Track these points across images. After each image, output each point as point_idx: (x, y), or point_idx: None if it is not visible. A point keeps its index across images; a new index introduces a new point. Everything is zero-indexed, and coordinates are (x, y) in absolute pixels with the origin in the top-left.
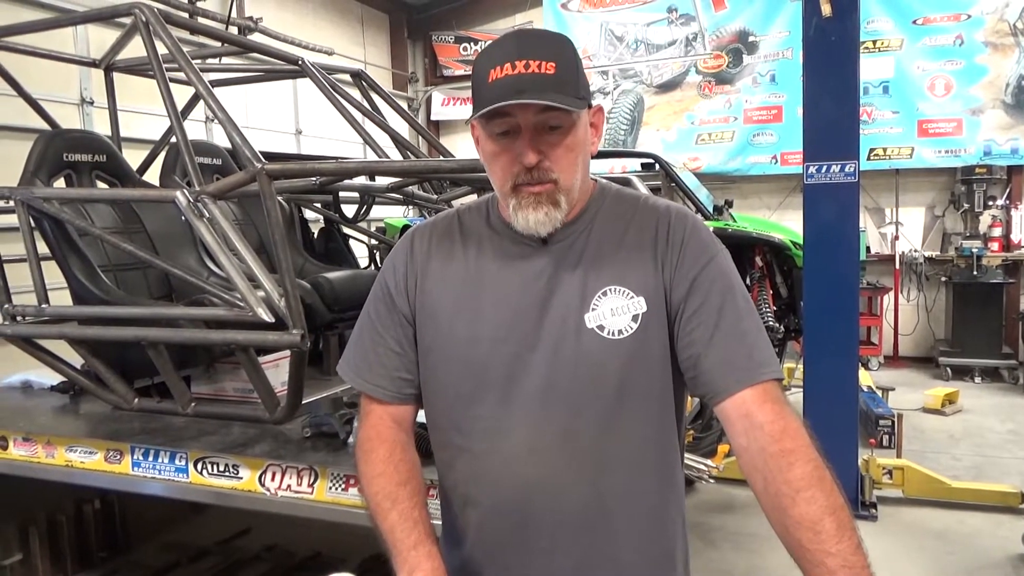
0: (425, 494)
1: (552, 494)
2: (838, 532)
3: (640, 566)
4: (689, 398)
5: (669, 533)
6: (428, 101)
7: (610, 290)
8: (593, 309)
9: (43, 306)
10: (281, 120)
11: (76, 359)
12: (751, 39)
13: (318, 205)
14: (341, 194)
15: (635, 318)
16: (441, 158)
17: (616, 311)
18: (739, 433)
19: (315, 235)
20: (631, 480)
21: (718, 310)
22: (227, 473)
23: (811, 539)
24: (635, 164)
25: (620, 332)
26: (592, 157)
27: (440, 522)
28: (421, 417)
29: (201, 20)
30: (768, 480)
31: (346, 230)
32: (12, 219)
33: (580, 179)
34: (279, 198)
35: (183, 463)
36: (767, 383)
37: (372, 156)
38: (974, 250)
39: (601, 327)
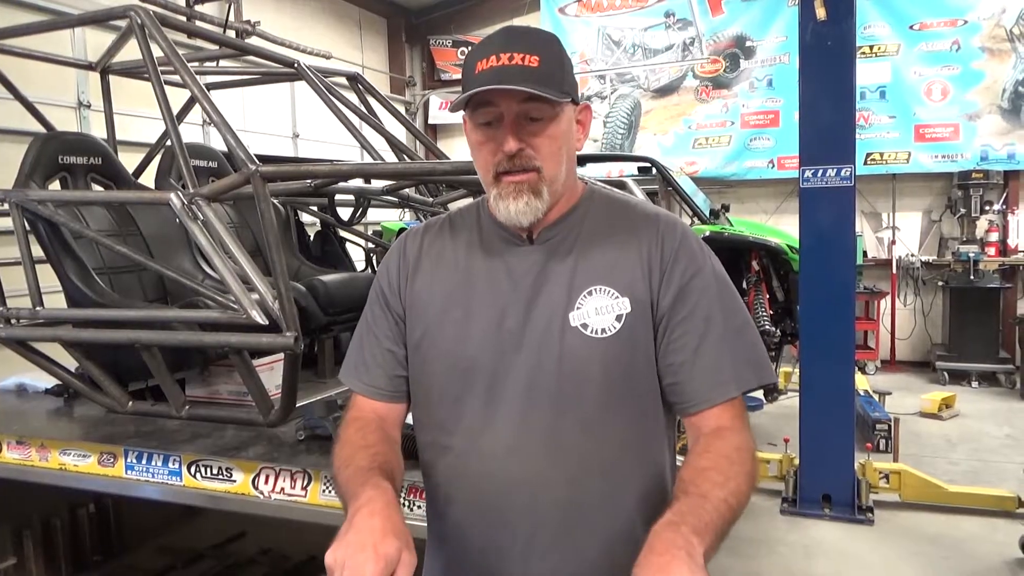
0: (391, 459)
1: (531, 494)
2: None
3: (621, 572)
4: None
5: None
6: (426, 105)
7: (595, 289)
8: (578, 308)
9: (37, 309)
10: (278, 124)
11: (70, 362)
12: (748, 44)
13: (314, 208)
14: (337, 197)
15: (619, 318)
16: (436, 160)
17: (600, 310)
18: (696, 444)
19: (311, 238)
20: (611, 483)
21: (704, 322)
22: (220, 476)
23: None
24: (632, 168)
25: (603, 331)
26: (579, 155)
27: (426, 524)
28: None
29: (198, 23)
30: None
31: (343, 233)
32: (7, 222)
33: (564, 172)
34: (275, 201)
35: (176, 466)
36: (734, 401)
37: (368, 159)
38: (971, 255)
39: (585, 325)
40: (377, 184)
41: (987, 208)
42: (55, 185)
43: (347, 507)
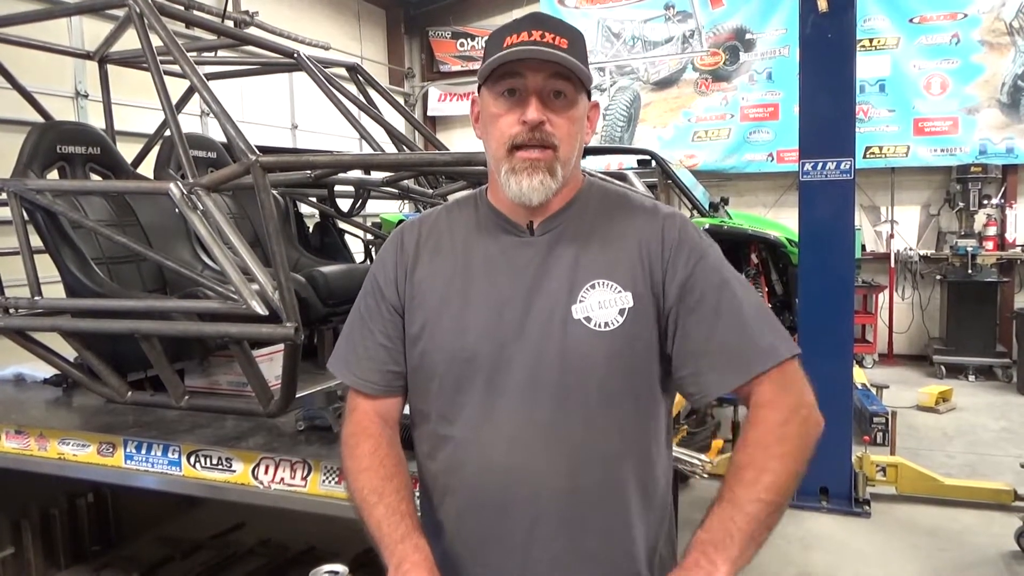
0: (411, 488)
1: (530, 485)
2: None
3: (618, 563)
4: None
5: (650, 531)
6: (424, 97)
7: (598, 283)
8: (581, 301)
9: (36, 298)
10: (277, 115)
11: (69, 352)
12: (748, 36)
13: (313, 199)
14: (337, 188)
15: (621, 312)
16: (436, 151)
17: (603, 304)
18: (745, 421)
19: (310, 229)
20: (611, 473)
21: (714, 308)
22: (220, 466)
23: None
24: (631, 161)
25: (607, 324)
26: (584, 145)
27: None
28: (406, 409)
29: (196, 13)
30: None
31: (342, 225)
32: (5, 212)
33: (575, 158)
34: (274, 192)
35: (176, 456)
36: (770, 372)
37: (368, 150)
38: (969, 249)
39: (588, 319)
40: (377, 175)
41: (985, 202)
42: (53, 175)
43: (382, 551)
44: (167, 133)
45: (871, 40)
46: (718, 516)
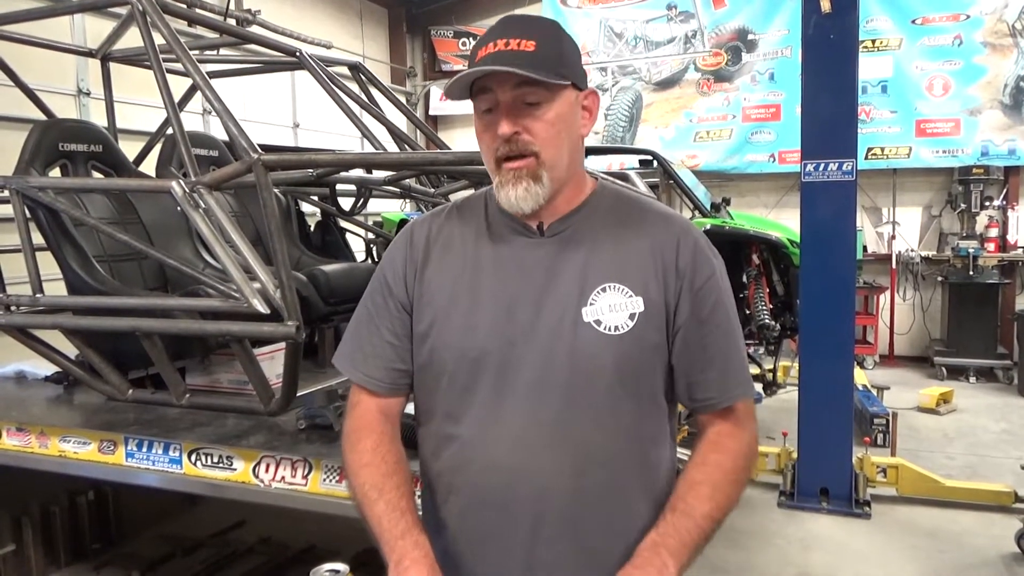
0: (412, 485)
1: (535, 485)
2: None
3: (622, 563)
4: None
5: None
6: (426, 96)
7: (609, 287)
8: (591, 304)
9: (38, 296)
10: (278, 114)
11: (70, 349)
12: (750, 37)
13: (315, 198)
14: (338, 187)
15: (632, 316)
16: (438, 151)
17: (614, 307)
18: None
19: (312, 228)
20: (615, 476)
21: (717, 325)
22: (221, 464)
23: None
24: (633, 160)
25: (616, 328)
26: (586, 145)
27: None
28: (409, 408)
29: (199, 11)
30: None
31: (343, 224)
32: (7, 209)
33: (566, 157)
34: (275, 190)
35: (177, 454)
36: (739, 404)
37: (370, 149)
38: (970, 250)
39: (598, 322)
40: (378, 174)
41: (987, 204)
42: (55, 172)
43: (382, 547)
44: (169, 131)
45: (873, 41)
46: (673, 524)
